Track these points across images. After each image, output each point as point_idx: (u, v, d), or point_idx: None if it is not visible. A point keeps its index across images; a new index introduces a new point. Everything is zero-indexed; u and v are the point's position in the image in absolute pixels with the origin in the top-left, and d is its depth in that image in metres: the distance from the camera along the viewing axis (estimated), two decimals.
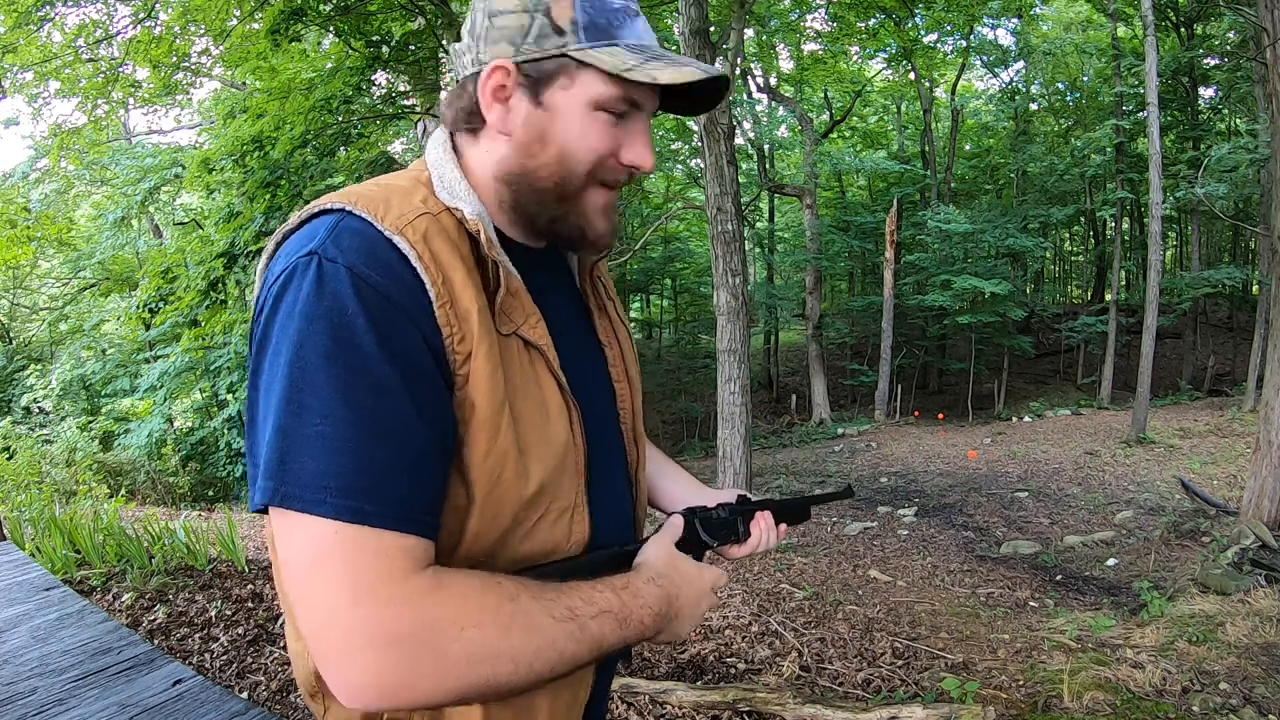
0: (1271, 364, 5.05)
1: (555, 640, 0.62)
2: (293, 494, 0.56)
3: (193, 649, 3.13)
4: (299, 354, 0.57)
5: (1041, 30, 21.21)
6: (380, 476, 0.57)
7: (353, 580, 0.55)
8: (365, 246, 0.62)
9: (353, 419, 0.57)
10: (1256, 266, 15.85)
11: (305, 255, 0.60)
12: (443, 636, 0.57)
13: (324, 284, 0.59)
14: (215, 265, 7.68)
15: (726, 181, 5.90)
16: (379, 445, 0.57)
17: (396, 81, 9.40)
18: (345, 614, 0.55)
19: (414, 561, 0.58)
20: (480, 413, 0.64)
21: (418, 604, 0.57)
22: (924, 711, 2.51)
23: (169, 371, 13.08)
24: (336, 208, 0.65)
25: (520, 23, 0.68)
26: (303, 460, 0.56)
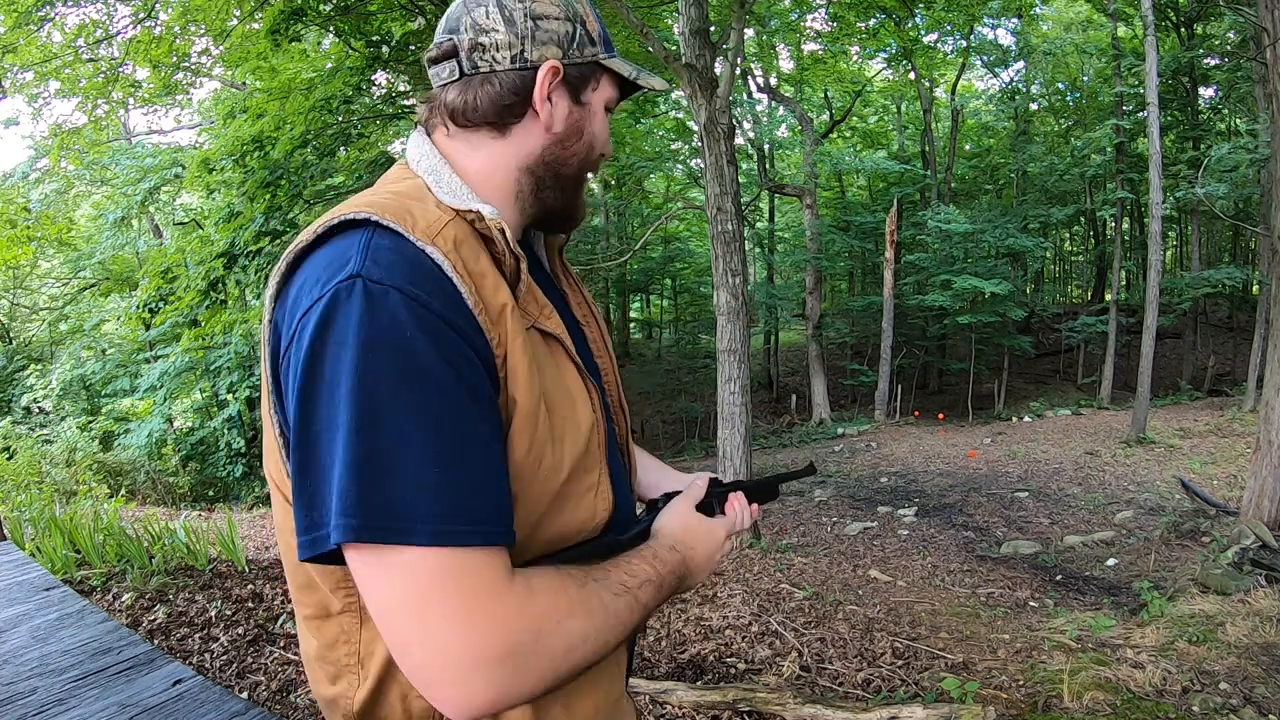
0: (1271, 364, 5.05)
1: (620, 614, 0.67)
2: (382, 527, 0.55)
3: (193, 649, 3.13)
4: (363, 385, 0.56)
5: (1041, 30, 21.21)
6: (467, 496, 0.57)
7: (462, 604, 0.56)
8: (405, 264, 0.61)
9: (431, 443, 0.56)
10: (1256, 266, 15.86)
11: (346, 280, 0.58)
12: (547, 637, 0.59)
13: (375, 309, 0.57)
14: (215, 265, 7.68)
15: (726, 181, 5.90)
16: (461, 465, 0.57)
17: (396, 81, 9.40)
18: (459, 638, 0.56)
19: (507, 571, 0.60)
20: (522, 410, 0.65)
21: (521, 613, 0.58)
22: (924, 711, 2.51)
23: (169, 371, 13.08)
24: (361, 219, 0.64)
25: (565, 30, 0.75)
26: (387, 492, 0.55)
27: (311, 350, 0.58)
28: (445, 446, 0.57)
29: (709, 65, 5.95)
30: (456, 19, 0.74)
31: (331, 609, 0.70)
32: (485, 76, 0.74)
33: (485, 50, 0.73)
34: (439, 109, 0.77)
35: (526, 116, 0.75)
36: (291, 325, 0.61)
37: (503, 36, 0.73)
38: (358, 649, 0.70)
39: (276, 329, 0.65)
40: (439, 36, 0.76)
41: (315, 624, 0.72)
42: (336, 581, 0.68)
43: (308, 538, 0.58)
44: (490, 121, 0.75)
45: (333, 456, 0.56)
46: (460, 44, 0.74)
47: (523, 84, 0.74)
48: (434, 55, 0.76)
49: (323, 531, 0.57)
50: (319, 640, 0.72)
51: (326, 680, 0.72)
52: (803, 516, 7.90)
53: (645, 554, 0.74)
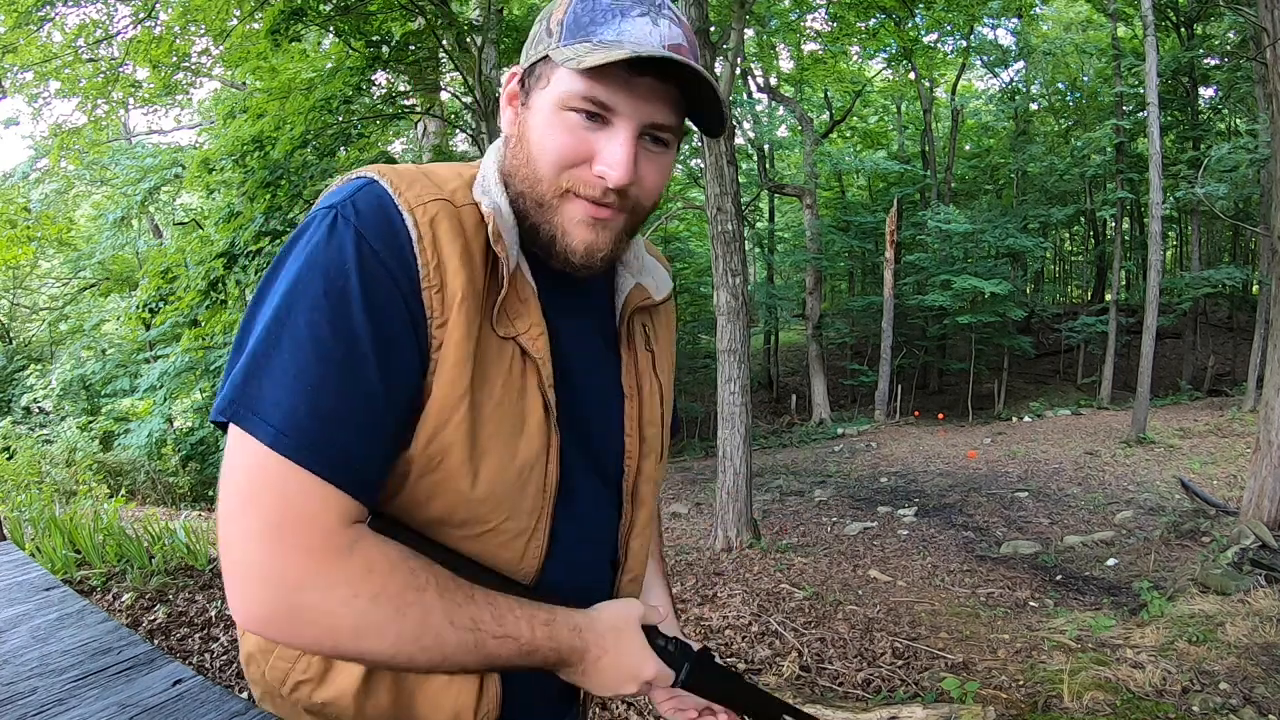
0: (1271, 364, 5.05)
1: (445, 643, 0.62)
2: (244, 414, 0.59)
3: (193, 649, 3.13)
4: (291, 292, 0.61)
5: (1041, 30, 21.21)
6: (327, 425, 0.59)
7: (273, 513, 0.58)
8: (377, 215, 0.64)
9: (317, 365, 0.59)
10: (1256, 266, 15.85)
11: (326, 208, 0.65)
12: (333, 598, 0.58)
13: (332, 237, 0.63)
14: (215, 265, 7.67)
15: (726, 181, 5.90)
16: (334, 396, 0.59)
17: (396, 81, 9.40)
18: (255, 543, 0.58)
19: (336, 516, 0.59)
20: (436, 400, 0.65)
21: (321, 559, 0.58)
22: (924, 711, 2.51)
23: (169, 371, 13.07)
24: (369, 176, 0.68)
25: (534, 32, 0.71)
26: (263, 387, 0.59)
27: (280, 255, 0.65)
28: (327, 374, 0.59)
29: (709, 65, 5.95)
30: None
31: None
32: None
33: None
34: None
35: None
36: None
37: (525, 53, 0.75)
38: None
39: None
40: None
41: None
42: None
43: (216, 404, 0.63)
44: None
45: (244, 342, 0.62)
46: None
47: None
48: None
49: (218, 403, 0.62)
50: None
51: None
52: (803, 516, 7.90)
53: (539, 616, 0.67)
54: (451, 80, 10.61)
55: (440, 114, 11.19)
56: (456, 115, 11.74)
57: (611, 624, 0.73)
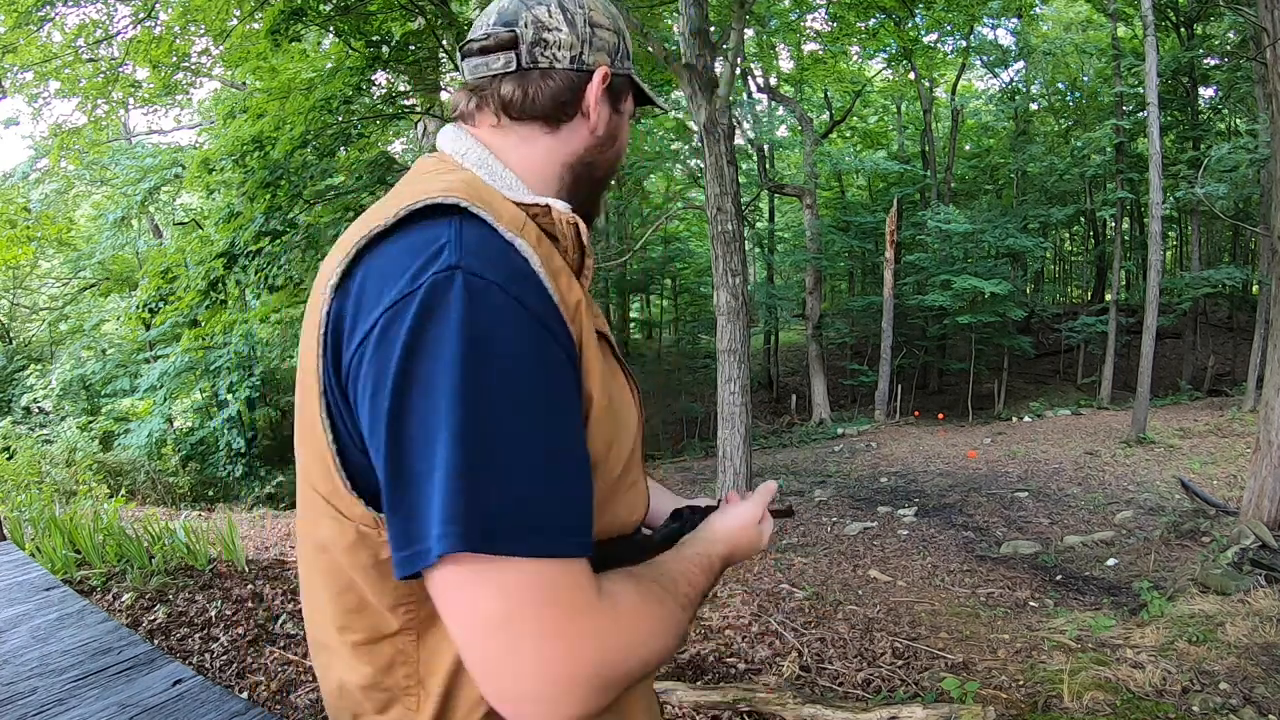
0: (1271, 364, 5.05)
1: (682, 625, 0.66)
2: (488, 537, 0.52)
3: (193, 649, 3.13)
4: (467, 387, 0.52)
5: (1041, 30, 21.21)
6: (565, 506, 0.55)
7: (557, 622, 0.53)
8: (500, 258, 0.58)
9: (532, 450, 0.54)
10: (1256, 266, 15.84)
11: (445, 271, 0.55)
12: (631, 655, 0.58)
13: (477, 306, 0.54)
14: (215, 265, 7.68)
15: (726, 181, 5.90)
16: (559, 474, 0.55)
17: (396, 81, 9.40)
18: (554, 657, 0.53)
19: (595, 585, 0.57)
20: (597, 405, 0.64)
21: (612, 631, 0.57)
22: (924, 711, 2.51)
23: (169, 371, 13.08)
24: (450, 204, 0.61)
25: (614, 41, 0.79)
26: (492, 500, 0.52)
27: (407, 348, 0.54)
28: (546, 455, 0.55)
29: (709, 65, 5.95)
30: (513, 13, 0.74)
31: (386, 629, 0.65)
32: (544, 72, 0.74)
33: (548, 46, 0.74)
34: (490, 99, 0.75)
35: (576, 116, 0.77)
36: (372, 316, 0.56)
37: (565, 36, 0.74)
38: (417, 669, 0.65)
39: (340, 321, 0.60)
40: (491, 28, 0.75)
41: (367, 649, 0.66)
42: (397, 599, 0.63)
43: (407, 552, 0.54)
44: (545, 116, 0.75)
45: (432, 462, 0.52)
46: (522, 37, 0.73)
47: (578, 84, 0.76)
48: (489, 44, 0.74)
49: (423, 545, 0.52)
50: (372, 666, 0.65)
51: (374, 710, 0.67)
52: (803, 516, 7.90)
53: (701, 563, 0.74)
54: (451, 80, 10.61)
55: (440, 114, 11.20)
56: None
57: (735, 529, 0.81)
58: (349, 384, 0.59)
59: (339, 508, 0.63)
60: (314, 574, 0.69)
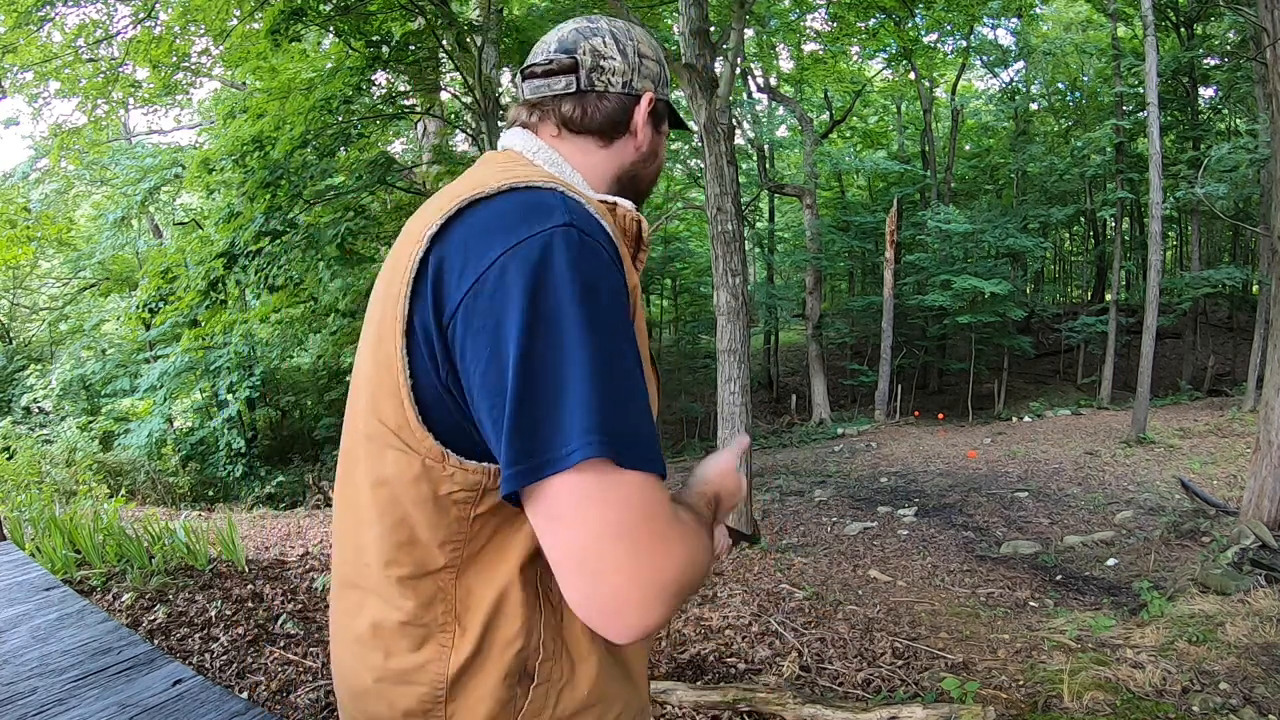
0: (1271, 364, 5.05)
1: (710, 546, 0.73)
2: (625, 448, 0.60)
3: (193, 649, 3.13)
4: (592, 321, 0.61)
5: (1041, 30, 21.20)
6: (654, 430, 0.65)
7: (660, 533, 0.62)
8: (598, 227, 0.68)
9: (639, 381, 0.64)
10: (1256, 266, 15.82)
11: (563, 225, 0.64)
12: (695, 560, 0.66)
13: (593, 255, 0.64)
14: (215, 265, 7.68)
15: (726, 181, 5.90)
16: (648, 403, 0.65)
17: (396, 81, 9.41)
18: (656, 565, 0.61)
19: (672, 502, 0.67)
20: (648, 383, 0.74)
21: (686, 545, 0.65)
22: (924, 711, 2.51)
23: (169, 371, 13.07)
24: (549, 185, 0.70)
25: (657, 71, 0.90)
26: (629, 418, 0.61)
27: (532, 285, 0.61)
28: (639, 387, 0.64)
29: (709, 65, 5.95)
30: (573, 42, 0.85)
31: (432, 565, 0.70)
32: (600, 94, 0.85)
33: (604, 73, 0.85)
34: (552, 115, 0.86)
35: (626, 134, 0.88)
36: (485, 260, 0.64)
37: (619, 64, 0.86)
38: (454, 606, 0.71)
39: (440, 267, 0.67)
40: (553, 54, 0.85)
41: (411, 584, 0.71)
42: (448, 535, 0.70)
43: (523, 466, 0.60)
44: (599, 131, 0.86)
45: (568, 383, 0.59)
46: (581, 63, 0.84)
47: (628, 106, 0.87)
48: (552, 68, 0.85)
49: (548, 455, 0.59)
50: (415, 600, 0.71)
51: (409, 648, 0.71)
52: (803, 516, 7.90)
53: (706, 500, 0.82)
54: (451, 80, 10.62)
55: (440, 114, 11.20)
56: (456, 115, 11.74)
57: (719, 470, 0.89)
58: (457, 320, 0.65)
59: (407, 441, 0.69)
60: (365, 510, 0.74)
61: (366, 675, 0.73)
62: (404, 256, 0.69)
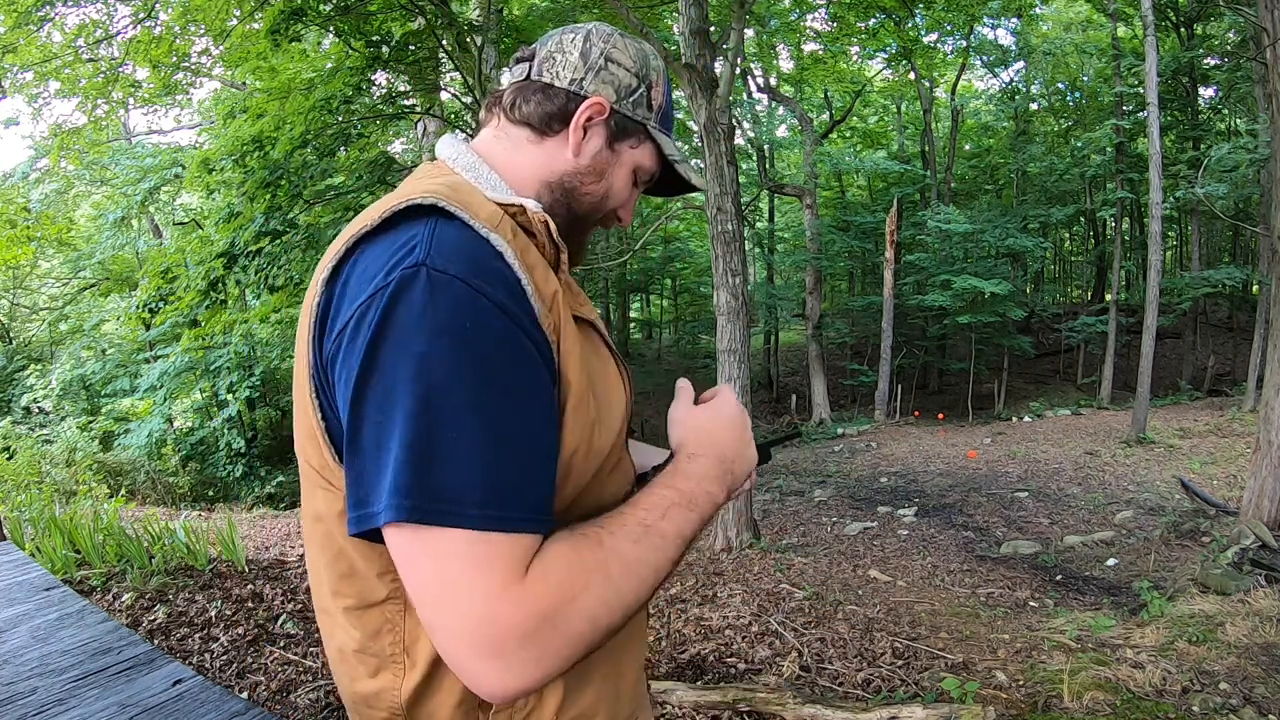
0: (1271, 364, 5.05)
1: (646, 560, 0.67)
2: (433, 509, 0.57)
3: (193, 649, 3.13)
4: (423, 371, 0.58)
5: (1041, 30, 21.21)
6: (511, 485, 0.59)
7: (483, 591, 0.57)
8: (468, 254, 0.63)
9: (487, 431, 0.58)
10: (1256, 266, 15.82)
11: (412, 268, 0.60)
12: (566, 614, 0.60)
13: (438, 298, 0.59)
14: (215, 265, 7.67)
15: (726, 181, 5.90)
16: (514, 454, 0.59)
17: (396, 81, 9.40)
18: (479, 622, 0.57)
19: (528, 556, 0.60)
20: (576, 393, 0.68)
21: (537, 596, 0.59)
22: (924, 711, 2.51)
23: (169, 371, 13.07)
24: (428, 204, 0.66)
25: (629, 82, 0.82)
26: (436, 477, 0.57)
27: (374, 335, 0.59)
28: (497, 436, 0.59)
29: (709, 65, 5.95)
30: (550, 37, 0.83)
31: (374, 597, 0.70)
32: (544, 86, 0.81)
33: (554, 64, 0.81)
34: (497, 103, 0.84)
35: (561, 135, 0.81)
36: (351, 308, 0.62)
37: (573, 60, 0.80)
38: (402, 637, 0.69)
39: (327, 311, 0.65)
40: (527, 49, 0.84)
41: (357, 614, 0.71)
42: (383, 566, 0.68)
43: (356, 513, 0.60)
44: (532, 124, 0.81)
45: (388, 438, 0.57)
46: (537, 53, 0.82)
47: (568, 106, 0.80)
48: (520, 55, 0.84)
49: (372, 509, 0.58)
50: (361, 631, 0.71)
51: (367, 674, 0.71)
52: (803, 516, 7.90)
53: (662, 479, 0.75)
54: (451, 80, 10.61)
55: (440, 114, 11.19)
56: (456, 115, 11.74)
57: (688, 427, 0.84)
58: (330, 367, 0.64)
59: (329, 479, 0.69)
60: (312, 542, 0.75)
61: (345, 693, 0.75)
62: (309, 299, 0.68)
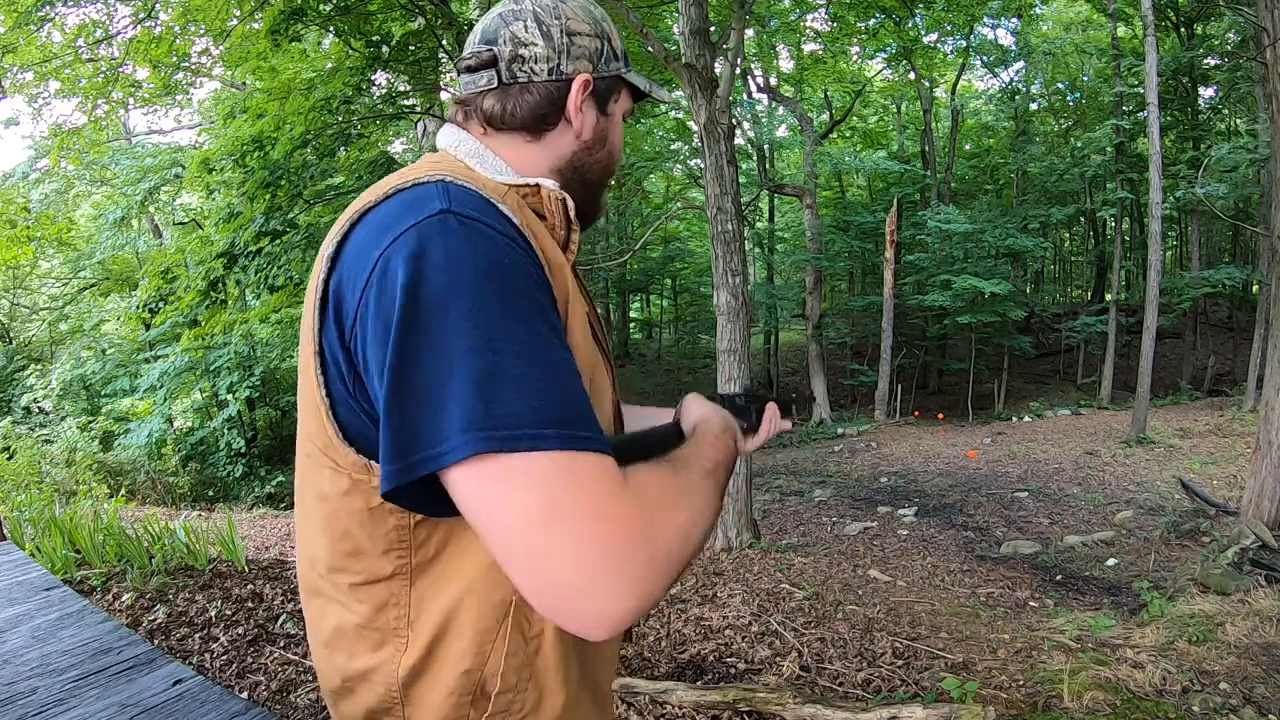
0: (1271, 364, 5.05)
1: (709, 496, 0.70)
2: (514, 435, 0.55)
3: (193, 649, 3.13)
4: (474, 305, 0.57)
5: (1041, 30, 21.21)
6: (579, 406, 0.59)
7: (593, 508, 0.56)
8: (485, 207, 0.64)
9: (544, 358, 0.59)
10: (1256, 266, 15.82)
11: (438, 214, 0.61)
12: (664, 528, 0.60)
13: (472, 237, 0.60)
14: (215, 265, 7.67)
15: (726, 181, 5.89)
16: (568, 380, 0.60)
17: (396, 81, 9.40)
18: (598, 540, 0.55)
19: (620, 472, 0.60)
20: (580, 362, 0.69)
21: (643, 507, 0.59)
22: (924, 711, 2.51)
23: (169, 371, 13.07)
24: (434, 179, 0.66)
25: (595, 46, 0.81)
26: (513, 403, 0.56)
27: (411, 280, 0.58)
28: (553, 363, 0.59)
29: (709, 65, 5.95)
30: (494, 31, 0.78)
31: (381, 573, 0.70)
32: (523, 86, 0.78)
33: (525, 62, 0.78)
34: (475, 113, 0.80)
35: (559, 124, 0.81)
36: (368, 264, 0.61)
37: (541, 50, 0.78)
38: (407, 612, 0.70)
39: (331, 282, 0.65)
40: (476, 46, 0.80)
41: (364, 590, 0.71)
42: (389, 544, 0.69)
43: (401, 464, 0.57)
44: (525, 127, 0.80)
45: (446, 376, 0.56)
46: (500, 55, 0.78)
47: (558, 94, 0.79)
48: (472, 64, 0.79)
49: (428, 452, 0.56)
50: (368, 605, 0.71)
51: (368, 649, 0.71)
52: (803, 516, 7.90)
53: (711, 441, 0.79)
54: (451, 80, 10.61)
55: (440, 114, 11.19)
56: None
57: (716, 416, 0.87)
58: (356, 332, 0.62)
59: (334, 458, 0.69)
60: (313, 522, 0.74)
61: (336, 677, 0.74)
62: (314, 279, 0.68)
